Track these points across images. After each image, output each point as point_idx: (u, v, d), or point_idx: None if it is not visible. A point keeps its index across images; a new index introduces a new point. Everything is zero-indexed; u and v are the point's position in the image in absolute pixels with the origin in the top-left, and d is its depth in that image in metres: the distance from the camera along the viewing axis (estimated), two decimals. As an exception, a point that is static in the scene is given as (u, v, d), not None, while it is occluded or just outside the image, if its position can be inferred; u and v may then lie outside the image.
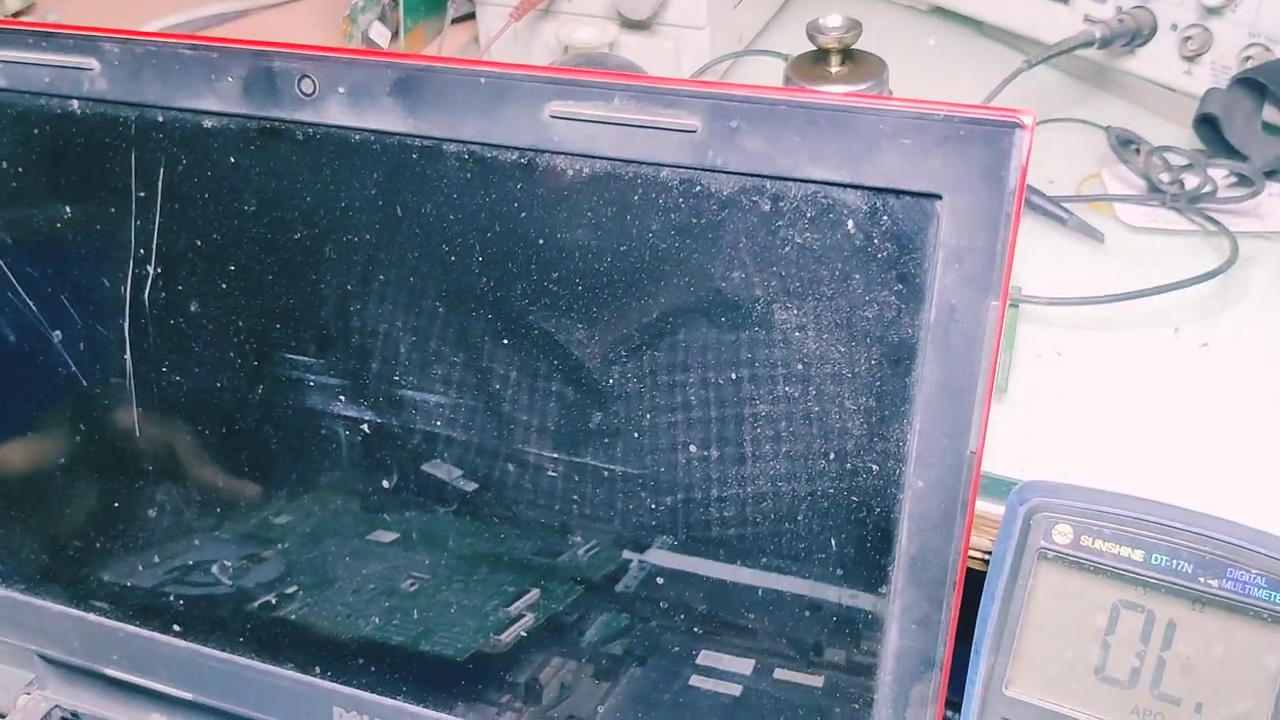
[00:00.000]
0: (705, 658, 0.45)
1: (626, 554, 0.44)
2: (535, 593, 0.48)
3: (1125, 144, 0.66)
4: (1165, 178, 0.62)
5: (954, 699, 0.42)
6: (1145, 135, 0.65)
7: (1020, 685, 0.41)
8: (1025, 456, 0.47)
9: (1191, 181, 0.62)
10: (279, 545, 0.50)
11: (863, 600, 0.40)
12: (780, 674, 0.43)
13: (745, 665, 0.44)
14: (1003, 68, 0.66)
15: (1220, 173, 0.62)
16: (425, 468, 0.45)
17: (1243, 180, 0.62)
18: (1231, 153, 0.64)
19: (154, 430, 0.49)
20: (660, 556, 0.43)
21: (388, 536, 0.48)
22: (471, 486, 0.45)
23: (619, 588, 0.45)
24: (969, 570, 0.41)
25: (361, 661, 0.50)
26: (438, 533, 0.47)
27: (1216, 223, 0.60)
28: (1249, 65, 0.65)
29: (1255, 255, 0.58)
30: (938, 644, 0.40)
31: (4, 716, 0.56)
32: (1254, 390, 0.51)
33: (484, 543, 0.47)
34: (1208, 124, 0.65)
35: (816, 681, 0.43)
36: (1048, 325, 0.55)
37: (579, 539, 0.45)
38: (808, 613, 0.42)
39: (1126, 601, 0.40)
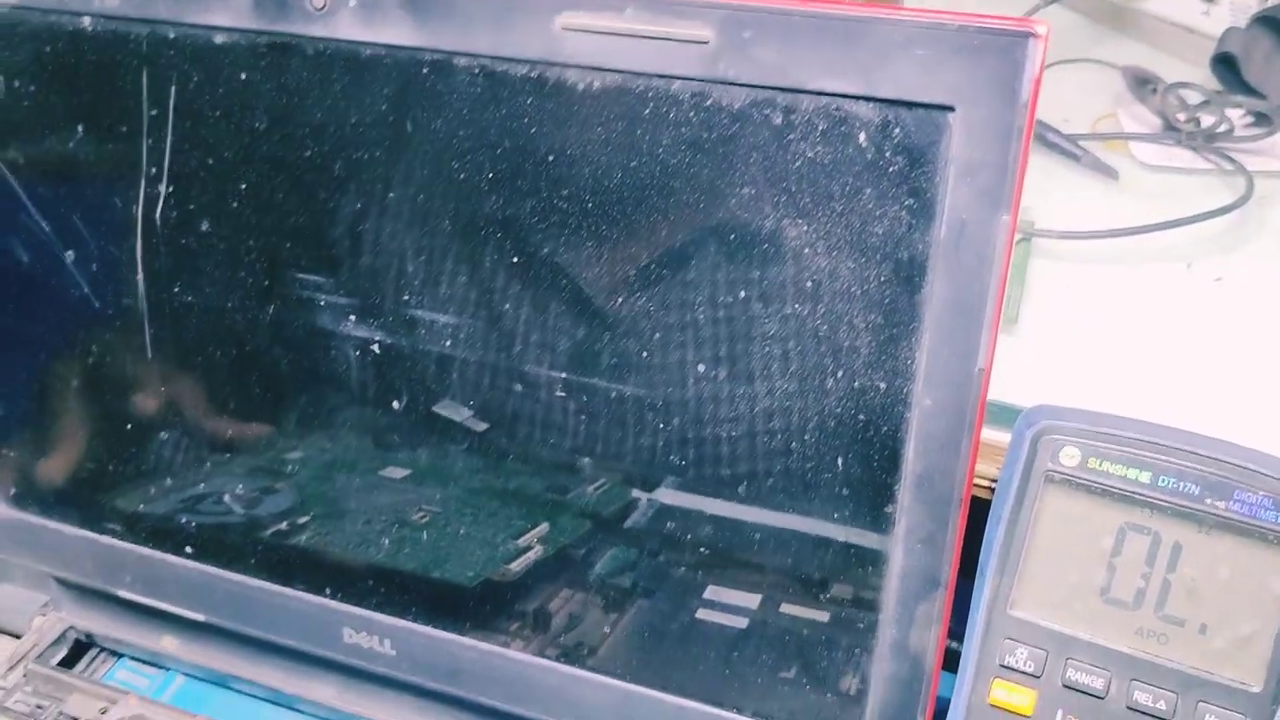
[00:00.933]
0: (713, 581, 0.45)
1: (636, 477, 0.44)
2: (545, 525, 0.48)
3: (1142, 83, 0.65)
4: (1181, 116, 0.62)
5: (956, 629, 0.42)
6: (1162, 75, 0.65)
7: (1025, 606, 0.41)
8: (1035, 385, 0.47)
9: (1208, 120, 0.61)
10: (290, 470, 0.50)
11: (869, 519, 0.41)
12: (786, 595, 0.44)
13: (753, 586, 0.44)
14: (1019, 6, 0.65)
15: (1237, 111, 0.62)
16: (435, 390, 0.46)
17: (1260, 119, 0.62)
18: (1249, 92, 0.63)
19: (166, 351, 0.49)
20: (670, 479, 0.43)
21: (398, 464, 0.48)
22: (481, 411, 0.45)
23: (629, 511, 0.45)
24: (974, 499, 0.41)
25: (372, 584, 0.50)
26: (447, 459, 0.47)
27: (1233, 161, 0.59)
28: (1269, 4, 0.64)
29: (1271, 193, 0.58)
30: (943, 563, 0.40)
31: (19, 637, 0.57)
32: (1266, 323, 0.50)
33: (493, 471, 0.47)
34: (1225, 63, 0.64)
35: (822, 601, 0.43)
36: (1060, 259, 0.55)
37: (588, 462, 0.45)
38: (814, 533, 0.42)
39: (1133, 524, 0.40)
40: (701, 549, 0.44)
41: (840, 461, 0.40)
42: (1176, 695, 0.39)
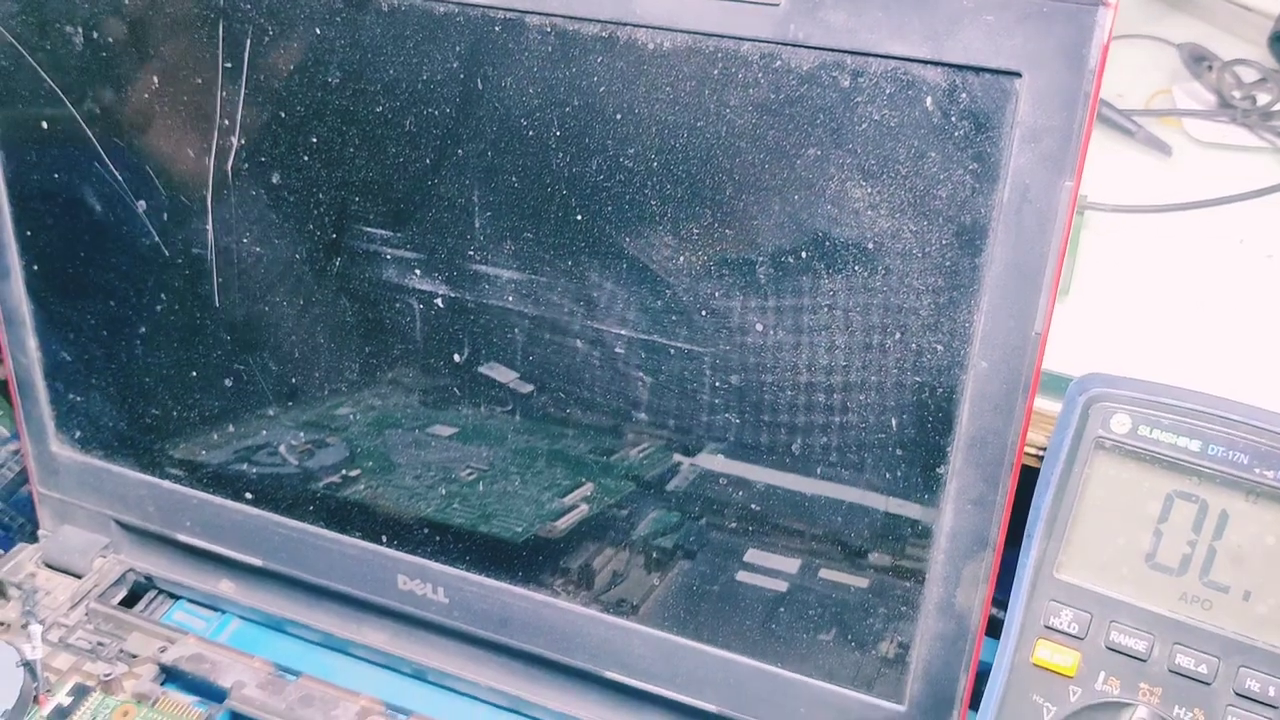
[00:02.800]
0: (761, 538, 0.46)
1: (697, 431, 0.45)
2: (590, 486, 0.49)
3: (1197, 60, 0.65)
4: (1237, 94, 0.62)
5: (1000, 597, 0.43)
6: (1219, 53, 0.65)
7: (1070, 570, 0.41)
8: (1086, 356, 0.48)
9: (1264, 98, 0.61)
10: (345, 424, 0.51)
11: (921, 479, 0.41)
12: (835, 552, 0.45)
13: (802, 543, 0.45)
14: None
15: (1294, 90, 0.62)
16: (491, 348, 0.47)
17: (1316, 98, 0.62)
18: (1306, 71, 0.63)
19: (233, 301, 0.50)
20: (726, 435, 0.44)
21: (450, 422, 0.50)
22: (530, 371, 0.46)
23: (678, 474, 0.46)
24: (1022, 466, 0.41)
25: (426, 533, 0.51)
26: (498, 419, 0.48)
27: (1287, 139, 0.59)
28: (1330, -18, 0.64)
29: (1325, 172, 0.58)
30: (992, 524, 0.41)
31: (80, 577, 0.59)
32: (1317, 300, 0.51)
33: (541, 432, 0.48)
34: (1283, 42, 0.64)
35: (871, 559, 0.44)
36: (1112, 233, 0.55)
37: (644, 416, 0.46)
38: (866, 492, 0.43)
39: (1181, 491, 0.40)
40: (752, 505, 0.45)
41: (895, 422, 0.41)
42: (1218, 659, 0.40)
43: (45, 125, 0.50)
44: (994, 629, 0.43)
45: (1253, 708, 0.39)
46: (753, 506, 0.45)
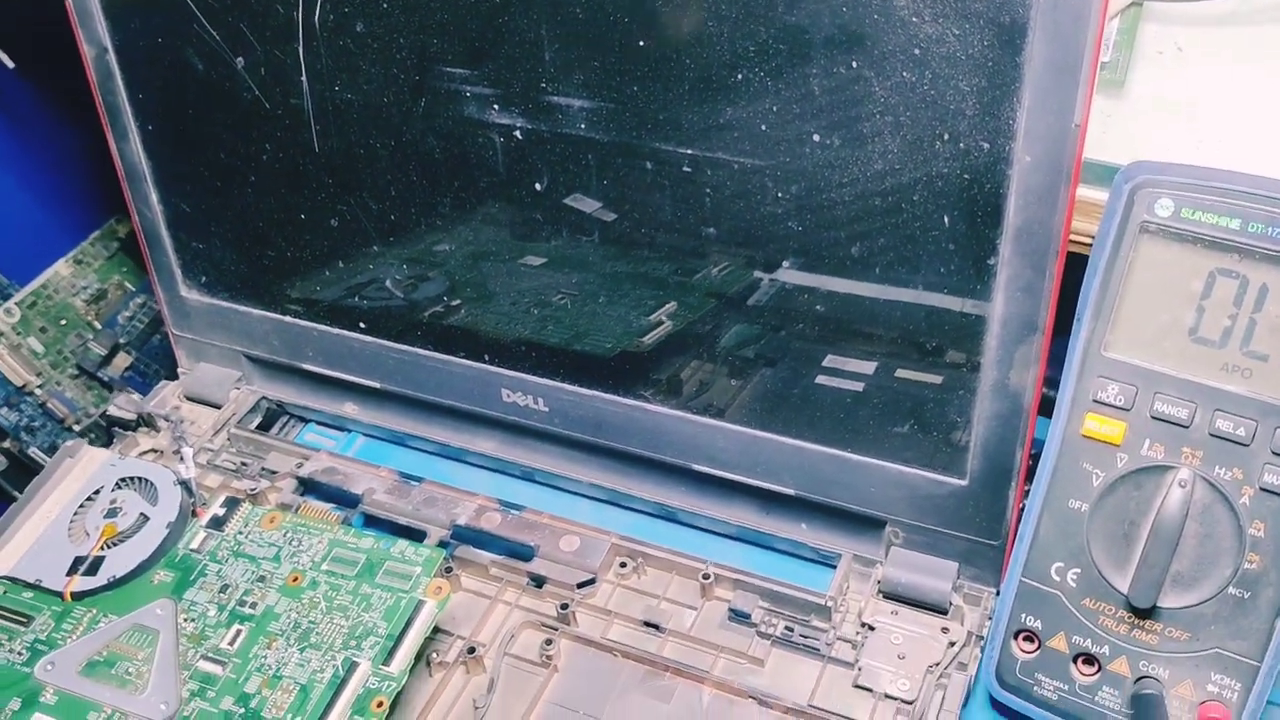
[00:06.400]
0: (832, 335, 0.49)
1: (759, 251, 0.48)
2: (673, 304, 0.53)
3: None
4: None
5: (1053, 376, 0.46)
6: None
7: (1118, 347, 0.44)
8: (1139, 148, 0.49)
9: None
10: (442, 257, 0.56)
11: (974, 272, 0.44)
12: (899, 346, 0.48)
13: (868, 339, 0.49)
14: None
15: None
16: (571, 177, 0.50)
17: None
18: None
19: (330, 146, 0.54)
20: (789, 246, 0.48)
21: (538, 252, 0.54)
22: (610, 198, 0.50)
23: (757, 274, 0.50)
24: (1074, 255, 0.44)
25: (525, 350, 0.56)
26: (582, 245, 0.52)
27: (1359, -88, 0.58)
28: None
29: (1397, -55, 0.57)
30: (1040, 308, 0.44)
31: (219, 408, 0.65)
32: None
33: (624, 256, 0.52)
34: None
35: (932, 349, 0.47)
36: (1170, 23, 0.55)
37: (713, 231, 0.49)
38: (924, 287, 0.46)
39: (1222, 269, 0.42)
40: (820, 307, 0.49)
41: (947, 219, 0.44)
42: (1256, 422, 0.42)
43: (145, -8, 0.54)
44: (1046, 409, 0.46)
45: (1288, 465, 0.42)
46: (820, 308, 0.49)
